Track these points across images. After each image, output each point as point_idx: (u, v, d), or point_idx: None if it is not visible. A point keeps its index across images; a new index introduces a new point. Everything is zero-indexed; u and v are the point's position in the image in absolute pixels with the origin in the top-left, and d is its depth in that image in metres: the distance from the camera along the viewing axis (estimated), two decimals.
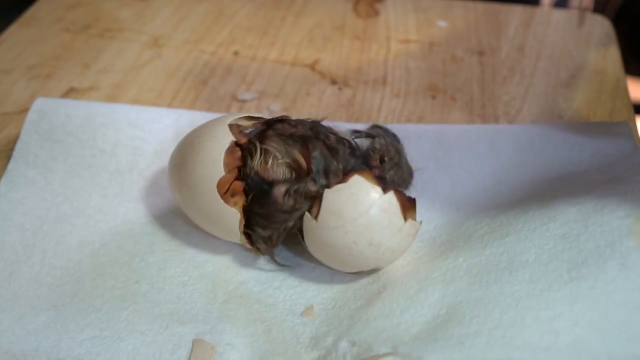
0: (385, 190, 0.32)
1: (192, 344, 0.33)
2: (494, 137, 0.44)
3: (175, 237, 0.39)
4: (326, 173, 0.30)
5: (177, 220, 0.40)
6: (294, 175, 0.32)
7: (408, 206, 0.34)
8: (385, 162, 0.34)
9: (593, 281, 0.30)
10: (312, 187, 0.31)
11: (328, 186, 0.31)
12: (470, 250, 0.35)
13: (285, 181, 0.31)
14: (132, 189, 0.42)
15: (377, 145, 0.34)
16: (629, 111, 0.47)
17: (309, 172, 0.31)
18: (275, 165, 0.31)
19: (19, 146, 0.43)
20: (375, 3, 0.60)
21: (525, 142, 0.43)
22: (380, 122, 0.47)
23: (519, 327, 0.29)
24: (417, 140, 0.44)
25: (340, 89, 0.50)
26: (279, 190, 0.30)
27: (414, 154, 0.43)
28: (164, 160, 0.43)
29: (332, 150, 0.30)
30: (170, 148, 0.44)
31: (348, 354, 0.31)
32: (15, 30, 0.56)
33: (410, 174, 0.39)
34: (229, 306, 0.35)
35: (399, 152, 0.37)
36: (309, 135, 0.31)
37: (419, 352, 0.29)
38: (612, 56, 0.53)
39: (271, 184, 0.31)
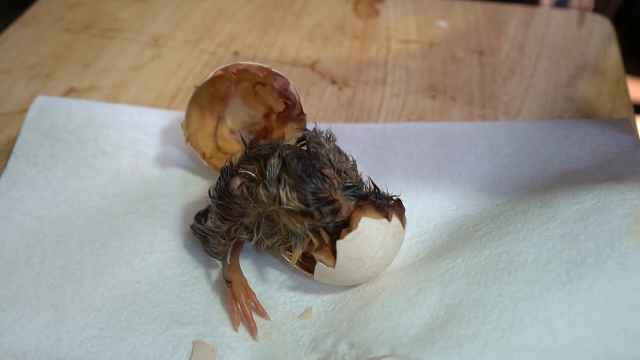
0: (389, 217, 0.33)
1: (193, 346, 0.33)
2: (494, 135, 0.44)
3: (175, 237, 0.39)
4: (279, 181, 0.33)
5: (177, 220, 0.40)
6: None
7: (402, 213, 0.34)
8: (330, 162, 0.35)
9: (592, 281, 0.30)
10: (264, 192, 0.33)
11: (281, 202, 0.32)
12: (469, 250, 0.35)
13: (242, 176, 0.34)
14: (133, 190, 0.42)
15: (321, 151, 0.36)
16: (629, 111, 0.47)
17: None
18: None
19: (19, 143, 0.43)
20: (375, 3, 0.60)
21: (526, 139, 0.43)
22: (380, 122, 0.47)
23: (517, 329, 0.29)
24: (417, 138, 0.44)
25: (340, 89, 0.50)
26: (235, 181, 0.34)
27: (414, 152, 0.43)
28: (165, 163, 0.43)
29: (285, 162, 0.33)
30: (171, 151, 0.44)
31: (347, 356, 0.31)
32: (15, 30, 0.56)
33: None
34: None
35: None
36: (267, 154, 0.34)
37: (417, 354, 0.29)
38: (612, 56, 0.53)
39: (232, 174, 0.35)
